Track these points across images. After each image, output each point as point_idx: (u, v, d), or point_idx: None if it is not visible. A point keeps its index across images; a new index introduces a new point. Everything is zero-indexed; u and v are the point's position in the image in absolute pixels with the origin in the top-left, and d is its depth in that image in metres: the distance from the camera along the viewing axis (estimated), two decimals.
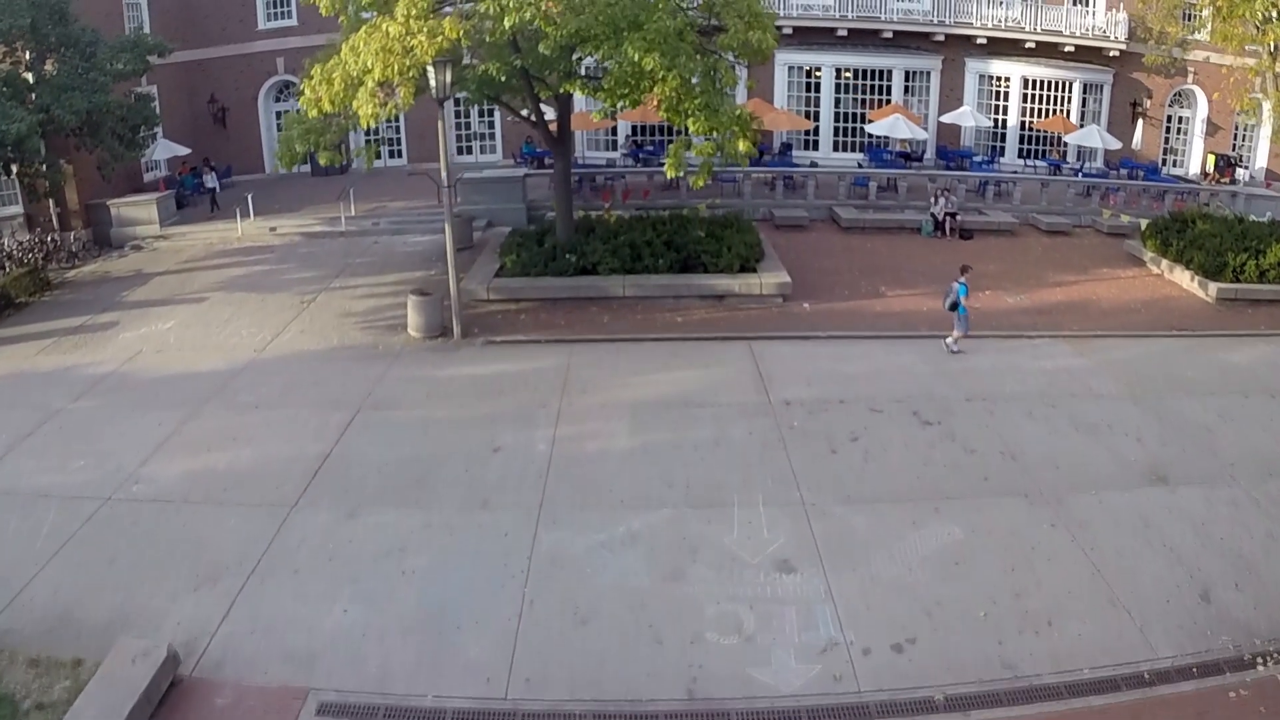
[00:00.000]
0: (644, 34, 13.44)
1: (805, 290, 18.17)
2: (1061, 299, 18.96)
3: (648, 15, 13.90)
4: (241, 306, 18.28)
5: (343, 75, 13.48)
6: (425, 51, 12.89)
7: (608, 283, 17.23)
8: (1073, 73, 29.87)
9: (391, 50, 12.97)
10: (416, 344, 15.90)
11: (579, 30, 13.20)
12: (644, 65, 13.22)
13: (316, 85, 13.81)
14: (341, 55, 13.73)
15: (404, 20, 12.96)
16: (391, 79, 13.14)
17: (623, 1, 13.69)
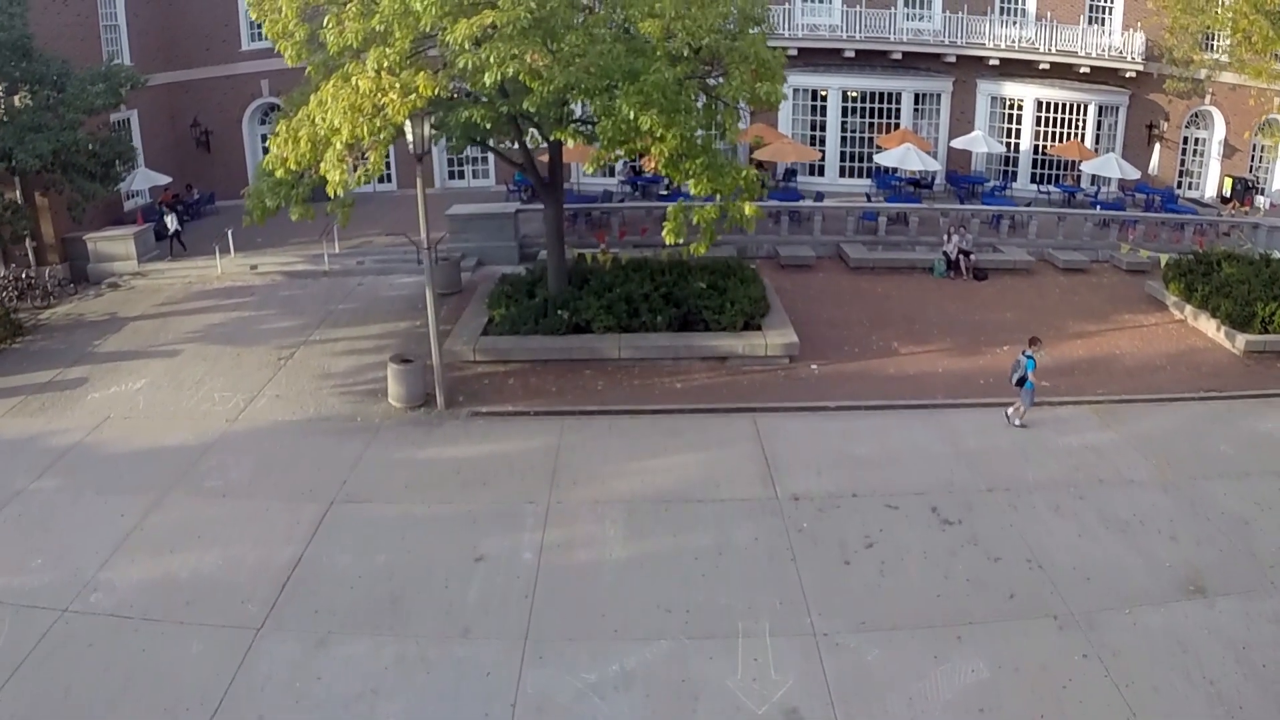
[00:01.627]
0: (640, 85, 12.39)
1: (813, 346, 17.15)
2: (1083, 354, 17.95)
3: (644, 64, 12.84)
4: (216, 363, 17.28)
5: (309, 134, 12.45)
6: (398, 111, 11.86)
7: (602, 343, 16.21)
8: (1088, 95, 28.75)
9: (361, 109, 11.94)
10: (398, 415, 14.90)
11: (568, 84, 12.15)
12: (640, 124, 12.19)
13: (282, 144, 12.78)
14: (309, 110, 12.71)
15: (375, 73, 11.91)
16: (362, 139, 12.10)
17: (616, 49, 12.64)
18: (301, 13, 13.25)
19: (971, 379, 16.41)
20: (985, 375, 16.56)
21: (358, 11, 12.44)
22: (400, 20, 12.05)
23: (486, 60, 11.61)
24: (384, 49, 12.02)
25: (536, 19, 12.21)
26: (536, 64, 11.73)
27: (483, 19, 11.48)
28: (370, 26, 12.13)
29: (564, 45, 12.45)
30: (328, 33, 12.74)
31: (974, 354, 17.50)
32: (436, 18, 11.76)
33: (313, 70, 13.93)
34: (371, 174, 12.21)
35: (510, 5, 11.73)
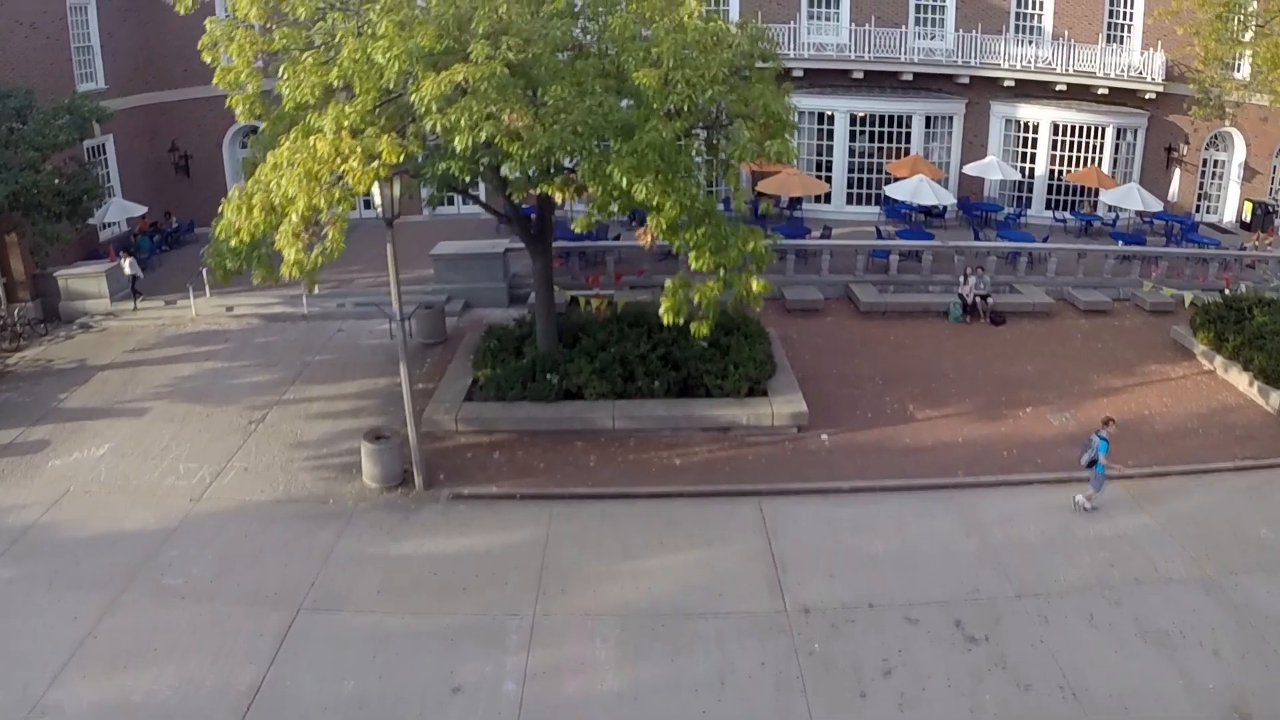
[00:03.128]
0: (634, 145, 11.22)
1: (822, 409, 15.98)
2: (1111, 415, 16.75)
3: (639, 115, 11.64)
4: (183, 425, 16.15)
5: (263, 201, 11.28)
6: (359, 181, 10.68)
7: (595, 412, 15.04)
8: (1106, 117, 27.53)
9: (318, 176, 10.76)
10: (372, 497, 13.76)
11: (551, 146, 10.98)
12: (634, 194, 11.02)
13: (235, 211, 11.61)
14: (263, 173, 11.54)
15: (334, 135, 10.74)
16: (319, 208, 10.94)
17: (608, 102, 11.45)
18: (256, 61, 12.03)
19: (993, 450, 15.27)
20: (1007, 445, 15.43)
21: (315, 62, 11.24)
22: (361, 73, 10.87)
23: (456, 123, 10.44)
24: (343, 106, 10.83)
25: (517, 67, 11.06)
26: (515, 124, 10.54)
27: (452, 75, 10.29)
28: (327, 81, 10.94)
29: (548, 96, 11.28)
30: (283, 85, 11.55)
31: (995, 418, 16.35)
32: (401, 71, 10.58)
33: (269, 127, 12.71)
34: (331, 253, 11.06)
35: (484, 58, 10.55)
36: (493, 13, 11.06)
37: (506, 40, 10.85)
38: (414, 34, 10.70)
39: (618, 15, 12.48)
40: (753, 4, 26.70)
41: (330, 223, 10.82)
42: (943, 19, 27.49)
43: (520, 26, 11.20)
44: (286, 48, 11.83)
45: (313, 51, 11.40)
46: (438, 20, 11.00)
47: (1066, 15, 27.63)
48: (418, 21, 11.11)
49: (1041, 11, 27.65)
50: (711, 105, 12.16)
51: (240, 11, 11.92)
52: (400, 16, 10.90)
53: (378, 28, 10.65)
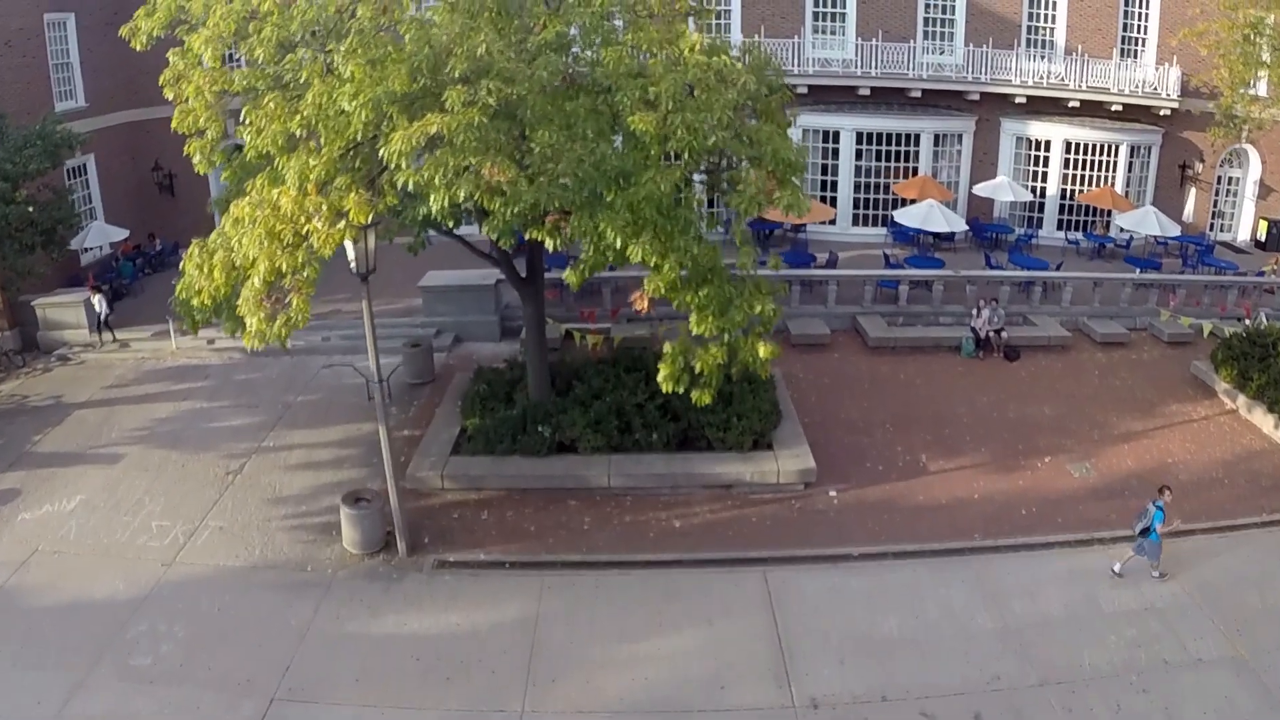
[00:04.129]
0: (630, 197, 10.36)
1: (830, 460, 15.14)
2: (1132, 464, 15.96)
3: (636, 159, 10.78)
4: (158, 475, 15.34)
5: (224, 260, 10.46)
6: (324, 244, 9.85)
7: (589, 469, 14.20)
8: (1119, 134, 26.63)
9: (280, 236, 9.94)
10: (353, 564, 12.94)
11: (538, 202, 10.14)
12: (629, 255, 10.18)
13: (195, 270, 10.79)
14: (223, 229, 10.71)
15: (297, 190, 9.91)
16: (283, 270, 10.13)
17: (600, 150, 10.58)
18: (217, 105, 11.18)
19: (1011, 507, 14.45)
20: (1026, 501, 14.61)
21: (278, 107, 10.39)
22: (327, 122, 10.03)
23: (430, 180, 9.60)
24: (306, 158, 9.98)
25: (500, 109, 10.21)
26: (497, 179, 9.67)
27: (425, 125, 9.44)
28: (290, 130, 10.09)
29: (535, 142, 10.42)
30: (244, 132, 10.70)
31: (1012, 469, 15.53)
32: (370, 121, 9.72)
33: (229, 177, 11.83)
34: (296, 323, 10.24)
35: (461, 106, 9.68)
36: (471, 52, 10.17)
37: (486, 83, 9.99)
38: (385, 76, 9.85)
39: (613, 48, 11.58)
40: (755, 18, 25.86)
41: (295, 288, 9.98)
42: (952, 33, 26.56)
43: (502, 66, 10.29)
44: (249, 88, 10.98)
45: (274, 95, 10.54)
46: (411, 60, 10.13)
47: (1079, 29, 26.71)
48: (390, 59, 10.27)
49: (1054, 25, 26.72)
50: (715, 151, 11.26)
51: (195, 50, 11.06)
52: (370, 55, 10.04)
53: (344, 70, 9.79)
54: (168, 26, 11.46)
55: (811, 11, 26.15)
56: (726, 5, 25.95)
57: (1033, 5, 26.60)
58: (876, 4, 26.03)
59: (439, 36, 10.25)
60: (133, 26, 11.56)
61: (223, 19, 10.86)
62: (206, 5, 11.16)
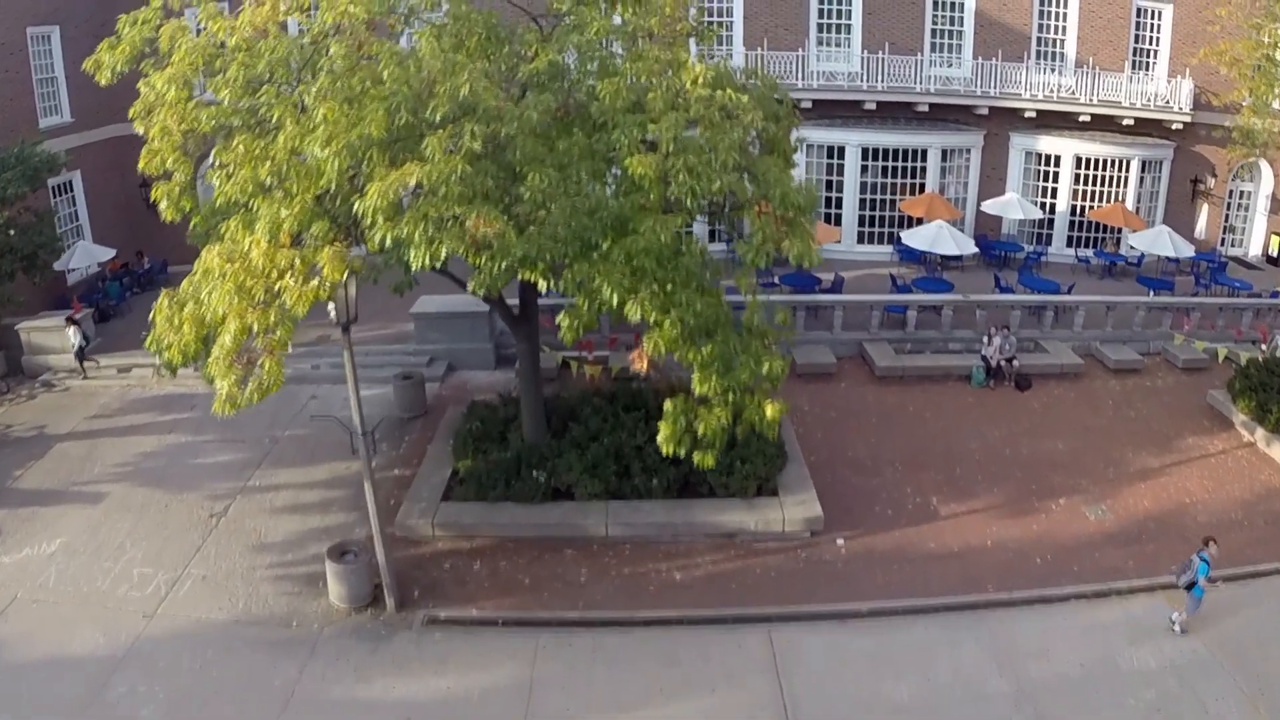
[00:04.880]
0: (627, 246, 9.78)
1: (838, 504, 14.54)
2: (1150, 506, 15.40)
3: (634, 210, 10.19)
4: (141, 517, 14.80)
5: (193, 315, 9.88)
6: (298, 302, 9.28)
7: (586, 516, 13.62)
8: (1131, 149, 26.00)
9: (251, 293, 9.38)
10: (340, 620, 12.37)
11: (528, 256, 9.57)
12: (627, 313, 9.60)
13: (165, 324, 10.20)
14: (193, 280, 10.12)
15: (268, 245, 9.32)
16: (253, 329, 9.56)
17: (595, 195, 9.99)
18: (185, 146, 10.57)
19: (1026, 555, 13.89)
20: (1040, 548, 14.05)
21: (248, 150, 9.80)
22: (298, 168, 9.44)
23: (412, 239, 9.02)
24: (278, 208, 9.40)
25: (488, 148, 9.62)
26: (483, 232, 9.08)
27: (404, 176, 8.86)
28: (260, 178, 9.49)
29: (525, 187, 9.83)
30: (214, 175, 10.11)
31: (1025, 512, 14.96)
32: (343, 170, 9.11)
33: (199, 224, 11.20)
34: (268, 388, 9.67)
35: (442, 154, 9.07)
36: (454, 92, 9.51)
37: (470, 126, 9.38)
38: (361, 118, 9.24)
39: (609, 80, 10.95)
40: (758, 30, 25.22)
41: (266, 350, 9.41)
42: (960, 44, 25.91)
43: (489, 105, 9.67)
44: (220, 126, 10.35)
45: (244, 137, 9.94)
46: (389, 101, 9.50)
47: (1090, 41, 26.08)
48: (369, 95, 9.67)
49: (1064, 37, 26.08)
50: (720, 196, 10.64)
51: (159, 89, 10.43)
52: (342, 97, 9.41)
53: (314, 114, 9.18)
54: (132, 60, 10.85)
55: (816, 23, 25.50)
56: (728, 17, 25.33)
57: (1043, 17, 25.97)
58: (883, 16, 25.39)
59: (418, 77, 9.62)
60: (96, 60, 10.95)
61: (188, 54, 10.23)
62: (172, 38, 10.54)
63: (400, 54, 9.94)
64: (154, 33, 10.98)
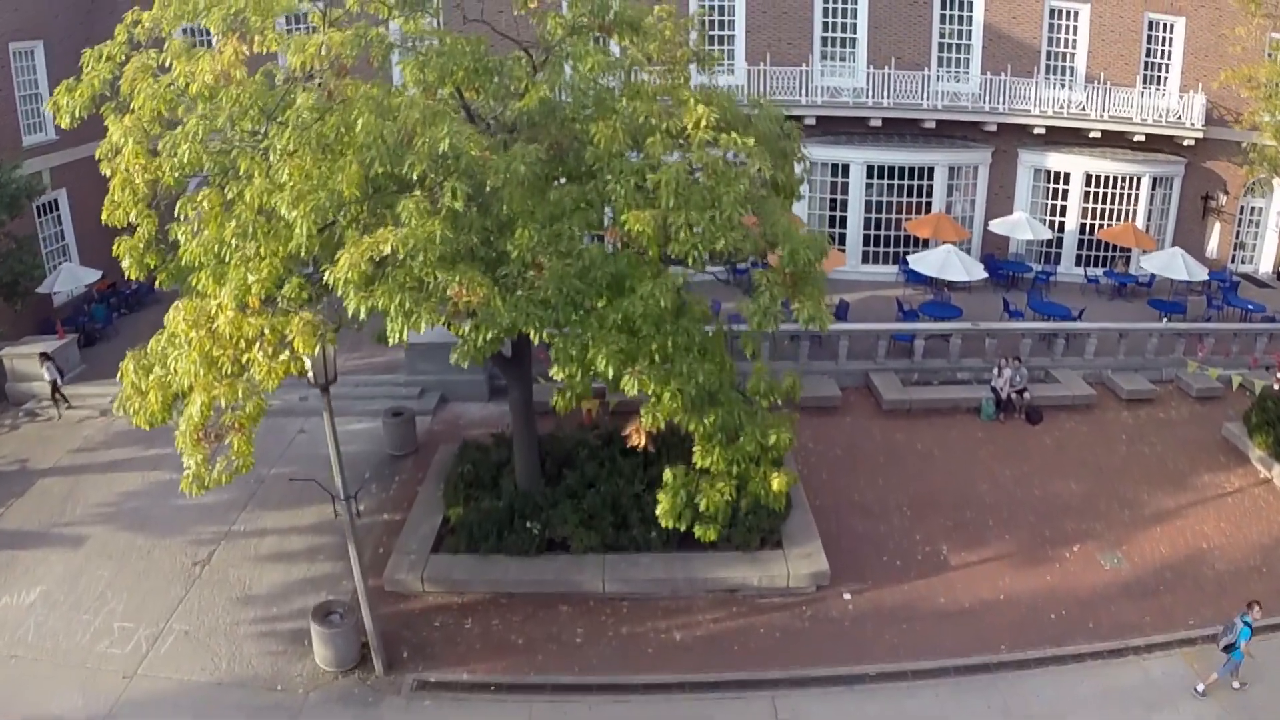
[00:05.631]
0: (623, 308, 9.23)
1: (844, 554, 14.00)
2: (1166, 553, 14.87)
3: (631, 266, 9.63)
4: (122, 564, 14.30)
5: (160, 382, 9.34)
6: (267, 377, 8.74)
7: (582, 571, 13.06)
8: (1142, 166, 25.40)
9: (218, 363, 8.84)
10: (326, 683, 11.84)
11: (515, 324, 9.03)
12: (623, 387, 9.05)
13: (131, 387, 9.67)
14: (158, 343, 9.57)
15: (235, 312, 8.77)
16: (221, 404, 9.04)
17: (589, 254, 9.42)
18: (150, 197, 9.99)
19: (1039, 609, 13.36)
20: (1054, 602, 13.52)
21: (214, 208, 9.22)
22: (265, 230, 8.88)
23: (385, 308, 8.47)
24: (245, 272, 8.84)
25: (470, 204, 9.06)
26: (467, 301, 8.52)
27: (377, 243, 8.30)
28: (224, 238, 8.92)
29: (512, 245, 9.26)
30: (177, 230, 9.53)
31: (1039, 561, 14.42)
32: (312, 233, 8.54)
33: (164, 282, 10.60)
34: (238, 468, 9.14)
35: (418, 219, 8.48)
36: (433, 146, 8.85)
37: (450, 184, 8.80)
38: (332, 174, 8.65)
39: (604, 123, 10.34)
40: (761, 45, 24.60)
41: (234, 427, 8.87)
42: (968, 59, 25.29)
43: (472, 157, 9.05)
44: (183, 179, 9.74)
45: (208, 192, 9.37)
46: (363, 155, 8.87)
47: (1101, 55, 25.46)
48: (342, 143, 9.07)
49: (1074, 50, 25.46)
50: (725, 254, 10.05)
51: (114, 142, 9.83)
52: (313, 148, 8.80)
53: (279, 174, 8.58)
54: (92, 104, 10.25)
55: (820, 37, 24.88)
56: (730, 30, 24.72)
57: (1053, 30, 25.35)
58: (889, 29, 24.78)
59: (393, 128, 9.00)
60: (54, 102, 10.35)
61: (148, 100, 9.62)
62: (133, 81, 9.93)
63: (375, 99, 9.30)
64: (117, 70, 10.40)
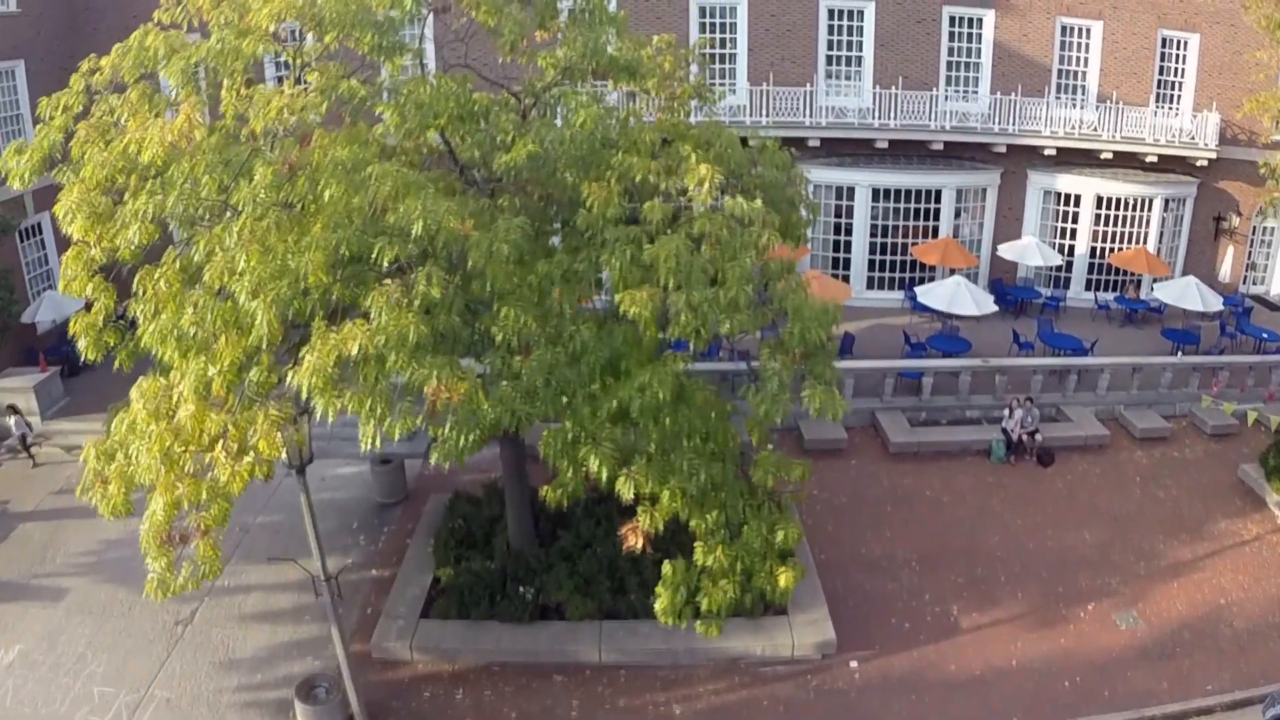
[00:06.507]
0: (619, 397, 8.65)
1: (850, 615, 13.47)
2: (1183, 610, 14.33)
3: (629, 348, 9.05)
4: (103, 623, 13.80)
5: (121, 472, 8.79)
6: (231, 480, 8.17)
7: (578, 640, 12.48)
8: (1154, 187, 24.78)
9: (179, 463, 8.28)
10: None
11: (499, 421, 8.44)
12: (618, 490, 8.49)
13: (93, 475, 9.11)
14: (118, 431, 9.00)
15: (195, 405, 8.19)
16: (184, 505, 8.49)
17: (580, 337, 8.84)
18: (110, 269, 9.41)
19: (1053, 676, 12.83)
20: (1069, 668, 12.99)
21: (171, 285, 8.64)
22: (225, 318, 8.29)
23: (354, 411, 7.88)
24: (205, 365, 8.26)
25: (448, 286, 8.49)
26: (444, 398, 7.94)
27: (345, 341, 7.70)
28: (181, 326, 8.35)
29: (496, 328, 8.65)
30: (137, 307, 8.95)
31: (1052, 622, 13.87)
32: (274, 326, 7.96)
33: (123, 362, 10.03)
34: (204, 573, 8.60)
35: (389, 313, 7.85)
36: (406, 225, 8.18)
37: (426, 270, 8.18)
38: (299, 256, 8.05)
39: (599, 185, 9.70)
40: (763, 64, 23.94)
41: (199, 531, 8.31)
42: (977, 78, 24.63)
43: (452, 231, 8.35)
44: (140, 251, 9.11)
45: (165, 270, 8.79)
46: (329, 235, 8.21)
47: (1113, 73, 24.80)
48: (308, 215, 8.46)
49: (1086, 69, 24.80)
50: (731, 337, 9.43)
51: (59, 215, 9.22)
52: (266, 243, 8.13)
53: (236, 260, 7.97)
54: (43, 167, 9.66)
55: (825, 55, 24.22)
56: (732, 49, 24.06)
57: (1065, 48, 24.68)
58: (896, 48, 24.12)
59: (361, 210, 8.39)
60: (4, 163, 9.75)
61: (97, 168, 9.01)
62: (84, 145, 9.30)
63: (345, 164, 8.67)
64: (74, 124, 9.80)
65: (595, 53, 11.16)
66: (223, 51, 9.40)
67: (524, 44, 11.36)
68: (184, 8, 10.29)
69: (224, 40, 9.37)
